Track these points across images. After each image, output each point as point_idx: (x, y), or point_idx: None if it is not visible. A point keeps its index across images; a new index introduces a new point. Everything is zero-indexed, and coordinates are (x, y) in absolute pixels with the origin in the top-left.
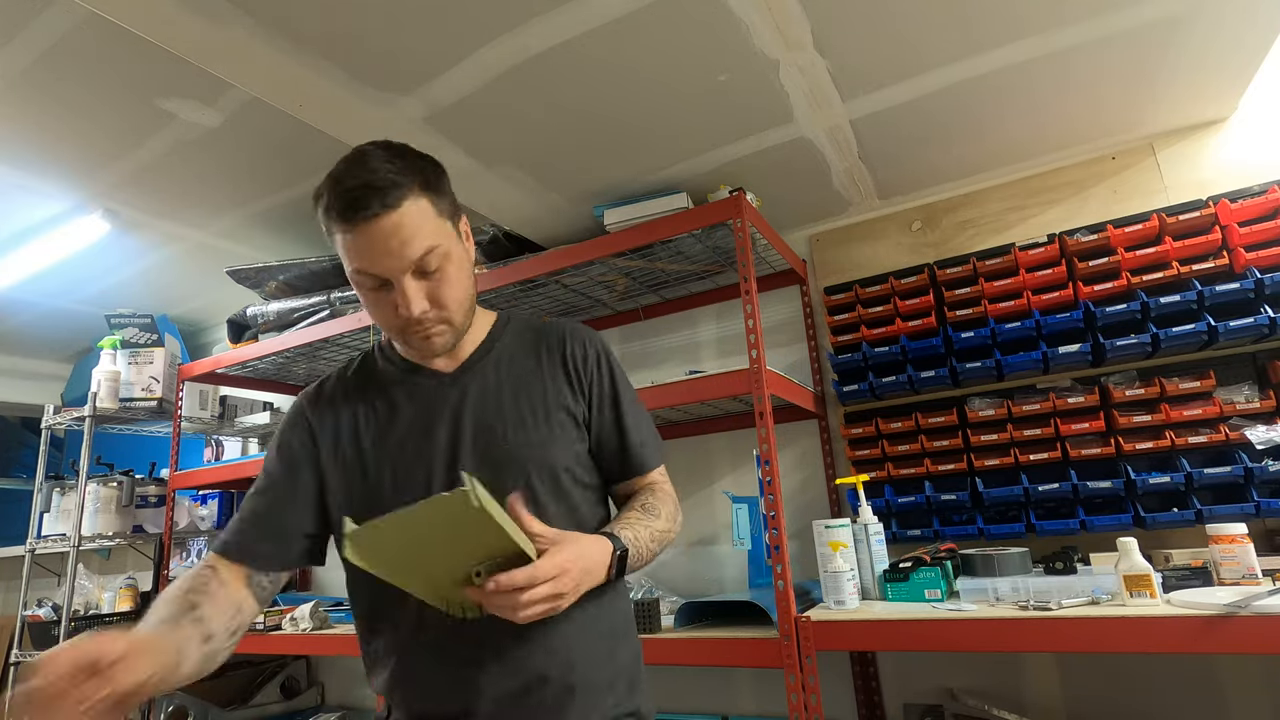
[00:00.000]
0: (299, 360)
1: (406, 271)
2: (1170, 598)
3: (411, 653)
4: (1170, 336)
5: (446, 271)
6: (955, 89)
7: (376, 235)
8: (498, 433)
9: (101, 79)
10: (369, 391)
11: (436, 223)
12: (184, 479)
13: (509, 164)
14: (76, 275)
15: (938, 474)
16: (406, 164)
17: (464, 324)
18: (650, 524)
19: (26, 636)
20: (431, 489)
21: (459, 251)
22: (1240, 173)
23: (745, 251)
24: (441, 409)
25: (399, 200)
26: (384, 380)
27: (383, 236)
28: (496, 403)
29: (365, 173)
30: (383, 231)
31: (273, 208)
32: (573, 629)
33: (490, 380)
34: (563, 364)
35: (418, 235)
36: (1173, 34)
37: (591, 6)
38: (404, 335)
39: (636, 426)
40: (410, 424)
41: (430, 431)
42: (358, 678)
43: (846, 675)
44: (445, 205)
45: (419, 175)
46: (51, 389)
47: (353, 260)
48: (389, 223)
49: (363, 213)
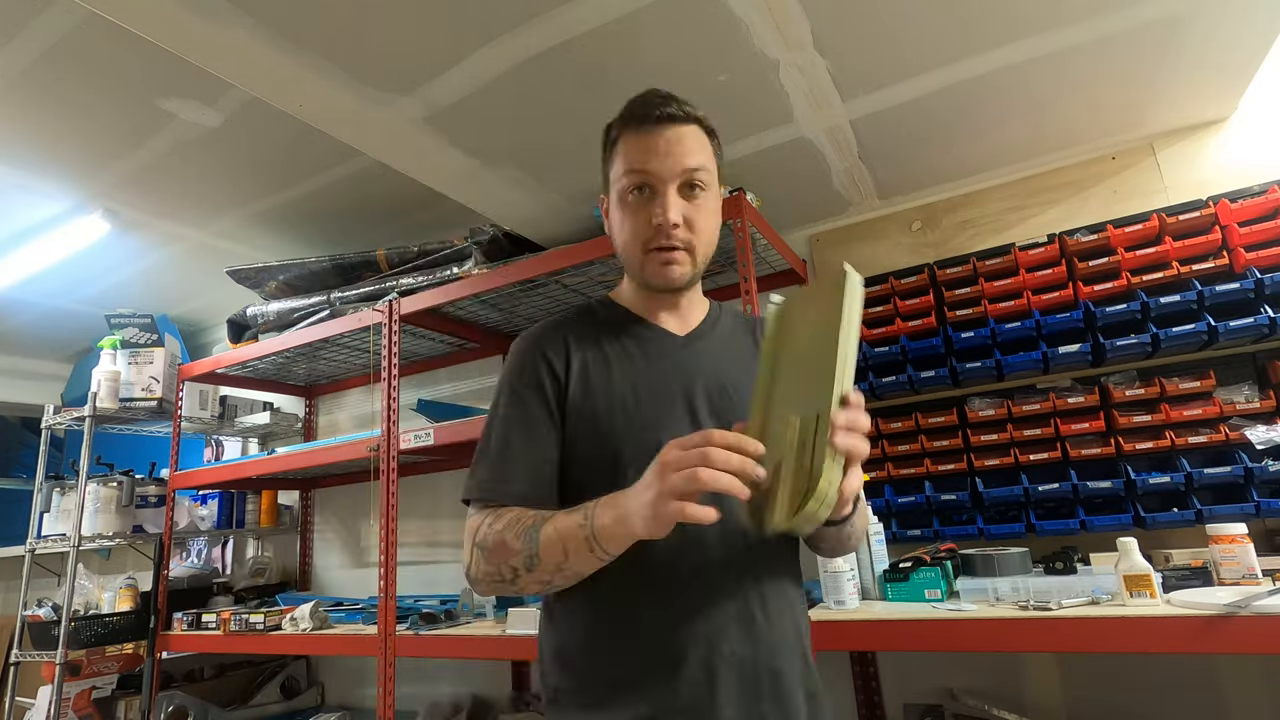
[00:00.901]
0: (299, 360)
1: (675, 180)
2: (1170, 598)
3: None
4: (1170, 336)
5: (706, 200)
6: (955, 89)
7: (662, 139)
8: (730, 394)
9: (101, 79)
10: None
11: (710, 156)
12: (184, 479)
13: (509, 164)
14: (76, 275)
15: (938, 474)
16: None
17: (701, 263)
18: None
19: (26, 636)
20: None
21: (717, 193)
22: (1240, 173)
23: (745, 251)
24: (678, 366)
25: (689, 121)
26: (617, 330)
27: (667, 141)
28: (728, 368)
29: (667, 96)
30: (668, 138)
31: (273, 208)
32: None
33: (718, 350)
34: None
35: (695, 152)
36: (1172, 34)
37: (591, 7)
38: (647, 249)
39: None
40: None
41: (666, 383)
42: (358, 678)
43: (846, 675)
44: (718, 155)
45: (706, 122)
46: (51, 389)
47: (631, 161)
48: (676, 132)
49: (659, 117)
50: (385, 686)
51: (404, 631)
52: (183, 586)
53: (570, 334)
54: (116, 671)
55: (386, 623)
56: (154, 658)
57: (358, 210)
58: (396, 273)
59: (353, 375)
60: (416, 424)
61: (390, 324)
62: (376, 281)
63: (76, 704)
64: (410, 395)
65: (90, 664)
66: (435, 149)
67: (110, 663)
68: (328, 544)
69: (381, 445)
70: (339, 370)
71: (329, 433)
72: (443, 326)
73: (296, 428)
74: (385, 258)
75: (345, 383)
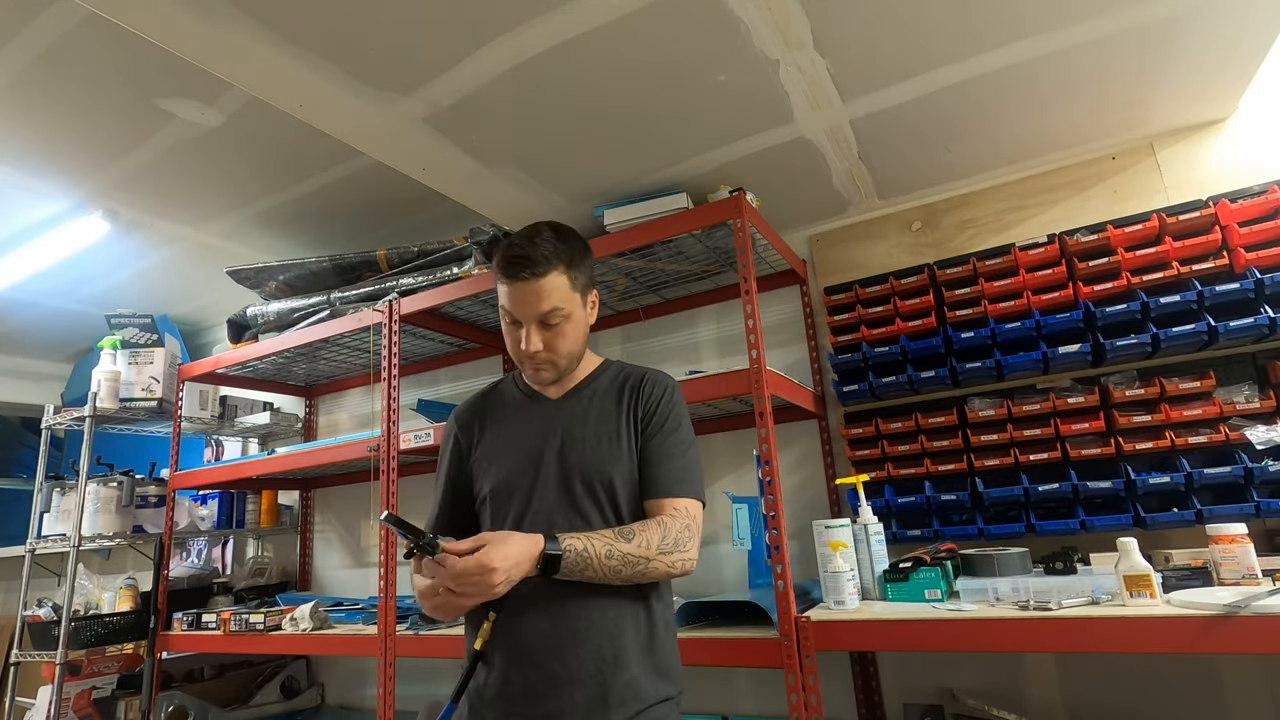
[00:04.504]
0: (299, 360)
1: (534, 320)
2: (1170, 598)
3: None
4: (1170, 336)
5: (564, 329)
6: (955, 89)
7: (522, 292)
8: (577, 447)
9: (101, 79)
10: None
11: (568, 294)
12: (184, 479)
13: (509, 164)
14: (76, 275)
15: (938, 474)
16: (560, 246)
17: (566, 367)
18: (616, 544)
19: (26, 636)
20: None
21: (579, 315)
22: (1240, 173)
23: (745, 251)
24: (544, 423)
25: (545, 273)
26: (513, 401)
27: (525, 294)
28: (582, 425)
29: (530, 246)
30: (526, 291)
31: (273, 208)
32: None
33: (580, 409)
34: (635, 401)
35: (549, 299)
36: (1173, 34)
37: (591, 7)
38: (521, 363)
39: (670, 456)
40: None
41: (528, 439)
42: (358, 678)
43: (846, 675)
44: (580, 281)
45: (566, 257)
46: (51, 389)
47: (503, 299)
48: (533, 286)
49: (517, 275)
50: (385, 686)
51: (404, 631)
52: (183, 586)
53: (477, 409)
54: (116, 671)
55: (386, 623)
56: (154, 658)
57: (358, 210)
58: (396, 273)
59: (353, 375)
60: (416, 424)
61: (390, 324)
62: (376, 281)
63: (76, 704)
64: (410, 395)
65: (90, 664)
66: (435, 149)
67: (110, 663)
68: (328, 544)
69: (381, 445)
70: (339, 370)
71: (329, 433)
72: (443, 326)
73: (296, 428)
74: (385, 258)
75: (345, 383)
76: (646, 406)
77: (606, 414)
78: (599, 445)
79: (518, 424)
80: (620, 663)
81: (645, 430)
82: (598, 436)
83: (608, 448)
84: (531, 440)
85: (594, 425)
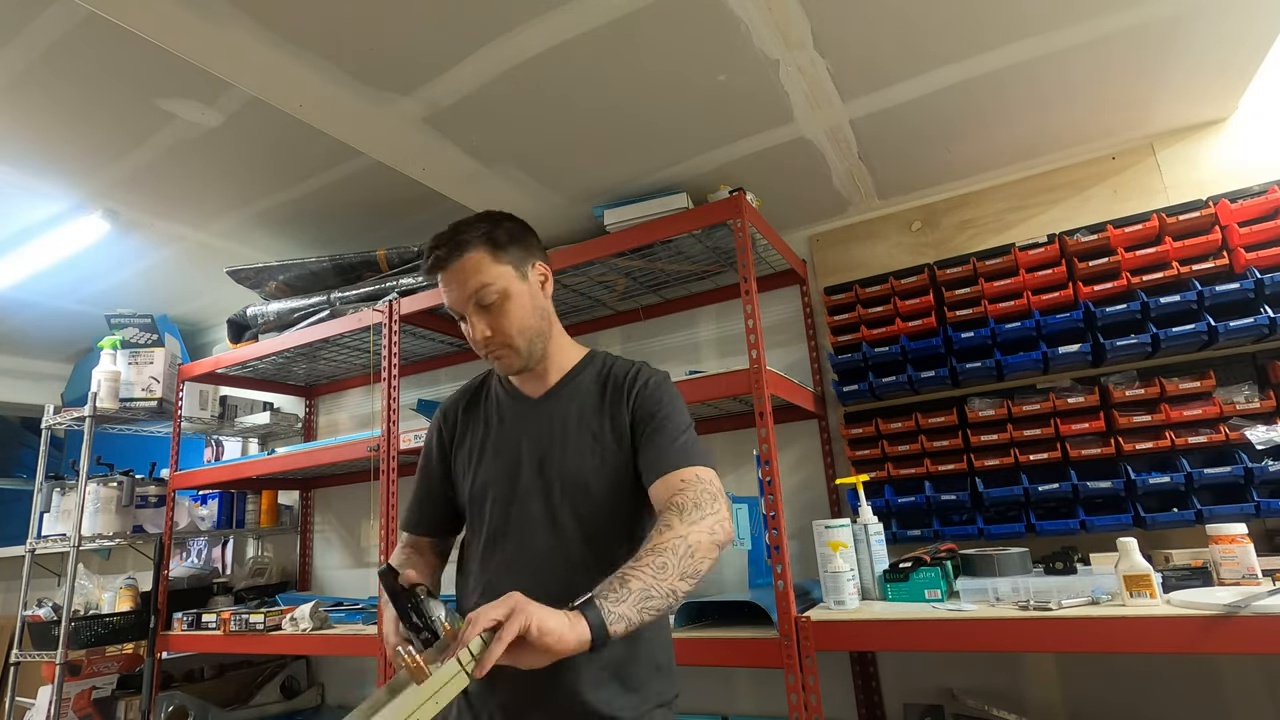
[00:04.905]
0: (299, 360)
1: (469, 304)
2: (1170, 598)
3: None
4: (1170, 336)
5: (504, 307)
6: (955, 89)
7: (447, 280)
8: (555, 455)
9: (101, 79)
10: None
11: (493, 269)
12: (184, 479)
13: (509, 164)
14: (76, 275)
15: (938, 474)
16: (478, 225)
17: (528, 350)
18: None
19: (26, 636)
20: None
21: (519, 291)
22: (1240, 173)
23: (745, 251)
24: (523, 426)
25: (462, 252)
26: (496, 401)
27: (449, 281)
28: (561, 430)
29: (447, 234)
30: (449, 277)
31: (273, 208)
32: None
33: (560, 411)
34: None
35: (474, 276)
36: (1173, 34)
37: (591, 7)
38: (484, 355)
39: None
40: (504, 434)
41: (507, 440)
42: (358, 678)
43: (846, 675)
44: (510, 256)
45: (484, 234)
46: (51, 389)
47: (443, 299)
48: (453, 270)
49: (438, 264)
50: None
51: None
52: (183, 586)
53: (461, 405)
54: (116, 671)
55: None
56: (154, 658)
57: (358, 210)
58: (396, 273)
59: (353, 375)
60: (416, 424)
61: (390, 324)
62: (376, 281)
63: (76, 704)
64: (410, 395)
65: (90, 664)
66: (435, 149)
67: (110, 663)
68: (328, 544)
69: (381, 445)
70: (339, 370)
71: (329, 433)
72: (443, 326)
73: (296, 428)
74: (385, 258)
75: (345, 383)
76: (633, 408)
77: (586, 418)
78: (580, 455)
79: (498, 427)
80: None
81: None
82: (579, 445)
83: (589, 456)
84: (511, 445)
85: (574, 431)
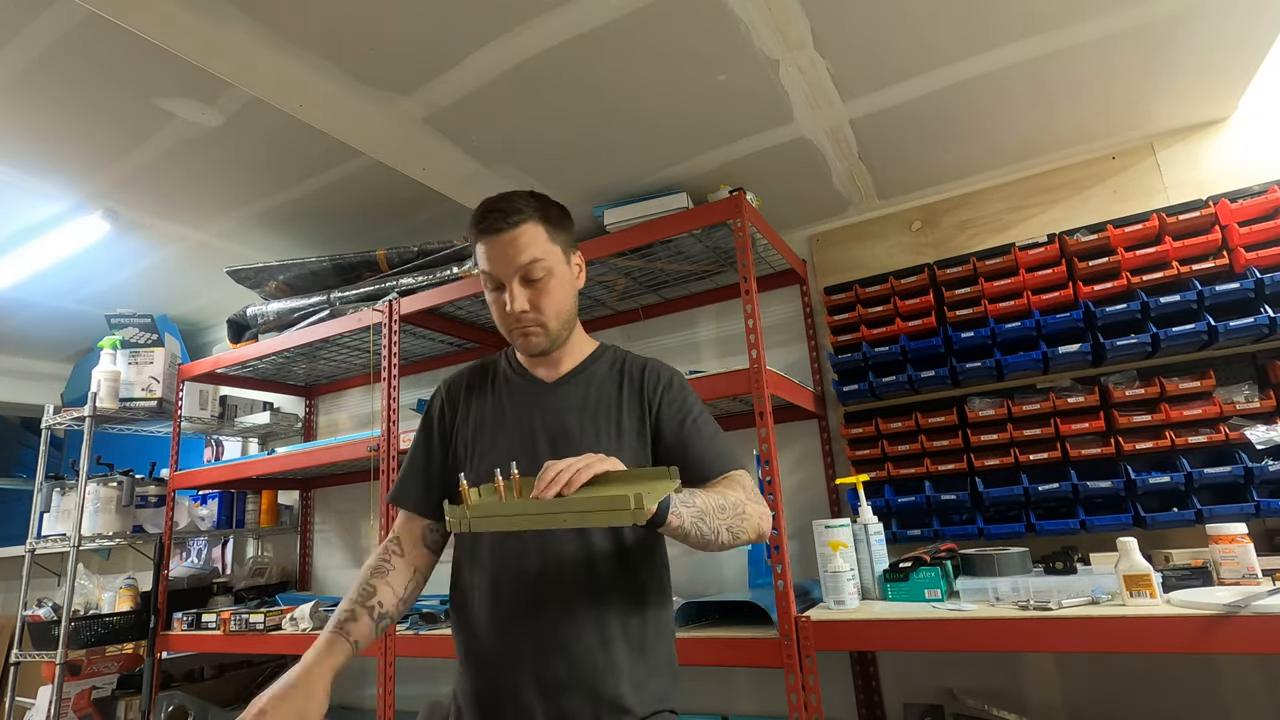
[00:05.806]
0: (299, 360)
1: (515, 276)
2: (1170, 598)
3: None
4: (1170, 336)
5: (549, 285)
6: (955, 89)
7: (499, 245)
8: (573, 441)
9: (101, 79)
10: (491, 385)
11: (546, 245)
12: (184, 479)
13: (509, 164)
14: (76, 275)
15: (938, 474)
16: (534, 200)
17: (558, 332)
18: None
19: (26, 636)
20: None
21: (563, 272)
22: (1240, 173)
23: (745, 251)
24: (537, 407)
25: (519, 223)
26: (503, 379)
27: (502, 246)
28: (579, 416)
29: (502, 200)
30: (503, 243)
31: (273, 208)
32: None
33: (577, 396)
34: (640, 395)
35: (528, 249)
36: (1174, 34)
37: (590, 7)
38: (509, 330)
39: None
40: (517, 414)
41: (518, 422)
42: (358, 678)
43: (846, 675)
44: (559, 237)
45: (540, 210)
46: (51, 389)
47: (482, 263)
48: (510, 236)
49: (492, 227)
50: (385, 686)
51: (404, 631)
52: (183, 586)
53: (466, 383)
54: (116, 671)
55: None
56: (154, 658)
57: (358, 210)
58: (396, 273)
59: (353, 375)
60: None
61: (390, 324)
62: (376, 281)
63: (76, 704)
64: (410, 395)
65: (90, 664)
66: (435, 149)
67: (110, 663)
68: (328, 544)
69: (381, 445)
70: (339, 370)
71: (329, 433)
72: (443, 326)
73: (296, 428)
74: (385, 258)
75: (345, 383)
76: (658, 407)
77: (606, 405)
78: (599, 440)
79: (508, 408)
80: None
81: (660, 426)
82: (596, 431)
83: (609, 442)
84: (524, 425)
85: (592, 417)
